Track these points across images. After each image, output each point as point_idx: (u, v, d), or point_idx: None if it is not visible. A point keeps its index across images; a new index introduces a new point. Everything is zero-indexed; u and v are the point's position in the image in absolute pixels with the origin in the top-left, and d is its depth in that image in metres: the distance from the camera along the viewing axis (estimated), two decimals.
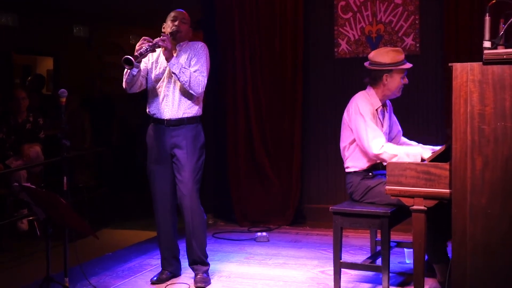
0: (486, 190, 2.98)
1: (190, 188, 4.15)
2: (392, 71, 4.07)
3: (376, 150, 3.90)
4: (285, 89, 6.14)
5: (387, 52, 4.13)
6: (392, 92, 4.13)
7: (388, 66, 4.06)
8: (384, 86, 4.11)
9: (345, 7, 6.01)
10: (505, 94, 2.93)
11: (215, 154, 6.38)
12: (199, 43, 4.27)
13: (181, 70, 4.02)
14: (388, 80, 4.09)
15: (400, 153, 3.82)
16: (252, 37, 6.20)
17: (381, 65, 4.08)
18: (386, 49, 4.25)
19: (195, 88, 4.06)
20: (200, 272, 4.24)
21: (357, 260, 4.52)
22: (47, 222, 3.68)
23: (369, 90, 4.17)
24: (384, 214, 3.78)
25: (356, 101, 4.10)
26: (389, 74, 4.08)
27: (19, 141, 6.09)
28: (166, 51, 4.03)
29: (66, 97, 3.82)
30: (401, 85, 4.13)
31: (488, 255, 2.99)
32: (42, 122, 6.25)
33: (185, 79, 4.02)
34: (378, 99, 4.14)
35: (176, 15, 4.23)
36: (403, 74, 4.11)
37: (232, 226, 6.20)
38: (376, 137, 3.93)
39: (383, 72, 4.08)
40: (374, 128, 3.97)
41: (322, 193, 6.19)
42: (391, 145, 3.93)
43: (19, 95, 6.20)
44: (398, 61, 4.07)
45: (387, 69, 4.07)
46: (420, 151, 3.81)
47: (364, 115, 4.00)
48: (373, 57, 4.14)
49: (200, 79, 4.08)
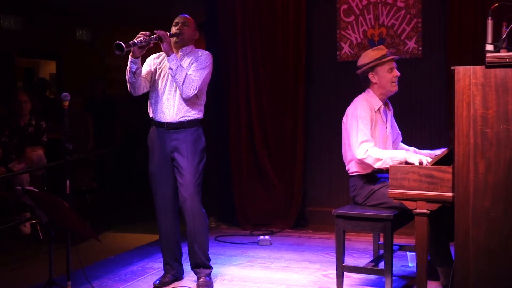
0: (489, 193, 2.97)
1: (191, 192, 4.15)
2: (375, 67, 4.11)
3: (360, 155, 3.92)
4: (287, 92, 6.14)
5: (367, 53, 4.22)
6: (385, 87, 4.13)
7: (369, 65, 4.12)
8: (376, 84, 4.14)
9: (348, 10, 6.01)
10: (507, 97, 2.92)
11: (217, 157, 6.38)
12: (204, 52, 4.26)
13: (179, 67, 4.03)
14: (375, 78, 4.12)
15: (384, 157, 3.84)
16: (255, 40, 6.21)
17: (363, 66, 4.15)
18: (367, 51, 4.30)
19: (186, 89, 4.05)
20: (203, 275, 4.24)
21: (360, 264, 4.52)
22: (50, 225, 3.69)
23: (368, 92, 4.19)
24: (387, 218, 3.77)
25: (355, 104, 4.12)
26: (373, 72, 4.12)
27: (22, 145, 6.10)
28: (165, 44, 4.05)
29: (69, 100, 3.83)
30: (391, 77, 4.12)
31: (491, 258, 2.98)
32: (44, 125, 6.25)
33: (179, 79, 4.03)
34: (377, 99, 4.14)
35: (178, 20, 4.26)
36: (389, 68, 4.12)
37: (235, 230, 6.20)
38: (364, 142, 3.93)
39: (367, 72, 4.13)
40: (365, 133, 3.96)
41: (325, 196, 6.18)
42: (376, 149, 3.92)
43: (22, 98, 6.20)
44: (377, 57, 4.12)
45: (369, 67, 4.12)
46: (405, 155, 3.79)
47: (359, 119, 3.99)
48: (358, 63, 4.22)
49: (193, 82, 4.06)
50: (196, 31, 4.32)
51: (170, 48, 4.09)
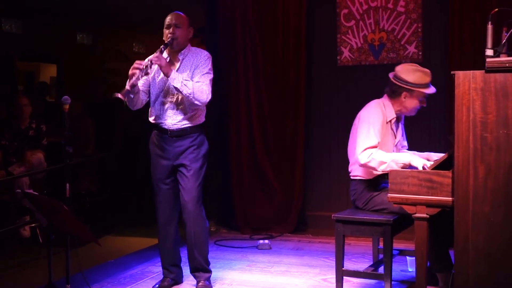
0: (488, 198, 2.97)
1: (193, 196, 4.14)
2: (414, 91, 3.99)
3: (363, 160, 3.88)
4: (287, 96, 6.15)
5: (414, 71, 4.01)
6: (407, 109, 4.07)
7: (410, 86, 3.97)
8: (402, 103, 4.04)
9: (348, 15, 6.02)
10: (507, 102, 2.93)
11: (218, 161, 6.38)
12: (203, 53, 4.18)
13: (183, 83, 3.92)
14: (406, 99, 4.01)
15: (388, 160, 3.82)
16: (255, 44, 6.21)
17: (404, 82, 3.99)
18: (415, 67, 4.07)
19: (200, 98, 3.97)
20: (202, 279, 4.23)
21: (360, 268, 4.52)
22: (49, 228, 3.68)
23: (385, 100, 4.10)
24: (387, 222, 3.77)
25: (370, 109, 4.05)
26: (409, 93, 3.99)
27: (22, 148, 6.10)
28: (163, 68, 3.93)
29: (69, 104, 3.83)
30: (418, 106, 4.07)
31: (491, 263, 2.98)
32: (44, 129, 6.26)
33: (188, 92, 3.93)
34: (393, 111, 4.07)
35: (169, 22, 4.08)
36: (423, 97, 4.03)
37: (234, 234, 6.19)
38: (369, 148, 3.89)
39: (404, 90, 3.99)
40: (373, 140, 3.91)
41: (325, 200, 6.18)
42: (380, 152, 3.88)
43: (22, 102, 6.22)
44: (422, 83, 3.97)
45: (409, 88, 3.98)
46: (409, 158, 3.80)
47: (371, 124, 3.94)
48: (399, 72, 4.04)
49: (204, 88, 3.99)
50: (190, 27, 4.16)
51: (167, 67, 3.95)
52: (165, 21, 4.12)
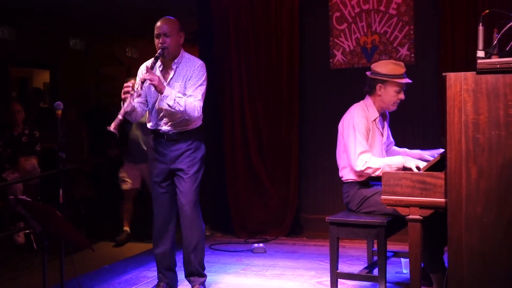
0: (481, 199, 2.98)
1: (189, 199, 4.15)
2: (386, 82, 4.08)
3: (360, 167, 3.97)
4: (281, 100, 6.15)
5: (387, 64, 4.16)
6: (386, 104, 4.14)
7: (383, 77, 4.08)
8: (379, 96, 4.12)
9: (340, 18, 6.03)
10: (499, 103, 2.94)
11: (212, 165, 6.37)
12: (197, 62, 4.15)
13: (175, 101, 3.92)
14: (381, 91, 4.10)
15: (382, 165, 3.90)
16: (248, 48, 6.22)
17: (377, 74, 4.11)
18: (388, 61, 4.27)
19: (191, 114, 4.00)
20: (197, 283, 4.23)
21: (354, 271, 4.52)
22: (44, 235, 3.67)
23: (367, 100, 4.18)
24: (381, 224, 3.78)
25: (352, 113, 4.11)
26: (383, 85, 4.09)
27: (15, 154, 6.09)
28: (157, 87, 3.90)
29: (62, 109, 3.82)
30: (395, 99, 4.12)
31: (484, 264, 2.98)
32: (38, 135, 6.25)
33: (180, 109, 3.94)
34: (375, 109, 4.15)
35: (159, 32, 4.03)
36: (398, 88, 4.09)
37: (229, 238, 6.19)
38: (362, 153, 3.96)
39: (377, 82, 4.10)
40: (363, 144, 3.99)
41: (319, 203, 6.18)
42: (374, 159, 3.97)
43: (15, 108, 6.20)
44: (394, 73, 4.07)
45: (381, 79, 4.09)
46: (402, 160, 3.87)
47: (356, 129, 4.01)
48: (373, 67, 4.17)
49: (195, 105, 4.00)
50: (181, 32, 4.12)
51: (160, 85, 3.92)
52: (155, 28, 4.08)
